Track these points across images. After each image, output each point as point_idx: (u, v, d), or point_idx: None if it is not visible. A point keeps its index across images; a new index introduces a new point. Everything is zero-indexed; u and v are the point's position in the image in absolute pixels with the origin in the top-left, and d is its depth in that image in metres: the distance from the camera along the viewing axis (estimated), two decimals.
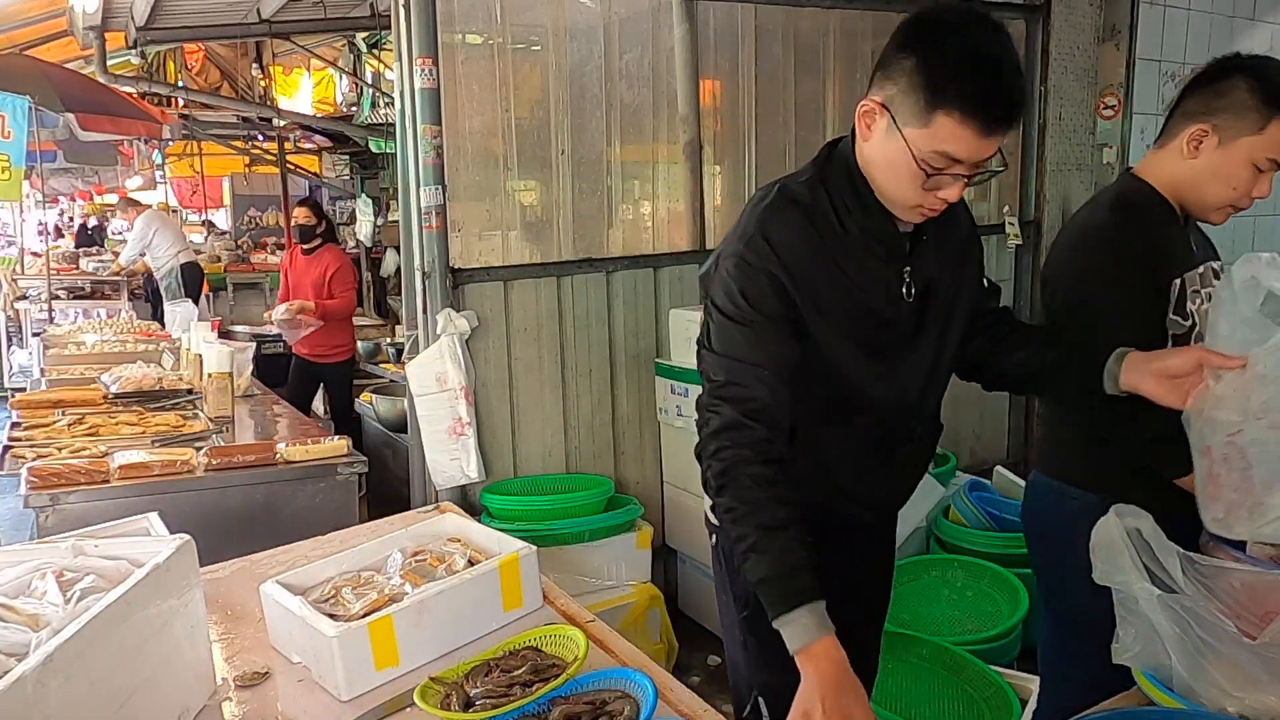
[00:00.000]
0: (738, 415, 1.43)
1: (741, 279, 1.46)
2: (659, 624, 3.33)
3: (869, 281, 1.50)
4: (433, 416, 3.31)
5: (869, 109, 1.43)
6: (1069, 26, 4.61)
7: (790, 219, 1.48)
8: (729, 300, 1.47)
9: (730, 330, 1.47)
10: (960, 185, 1.41)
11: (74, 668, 1.11)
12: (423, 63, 3.13)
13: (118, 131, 6.35)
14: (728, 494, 1.42)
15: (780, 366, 1.45)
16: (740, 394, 1.44)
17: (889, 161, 1.42)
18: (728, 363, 1.46)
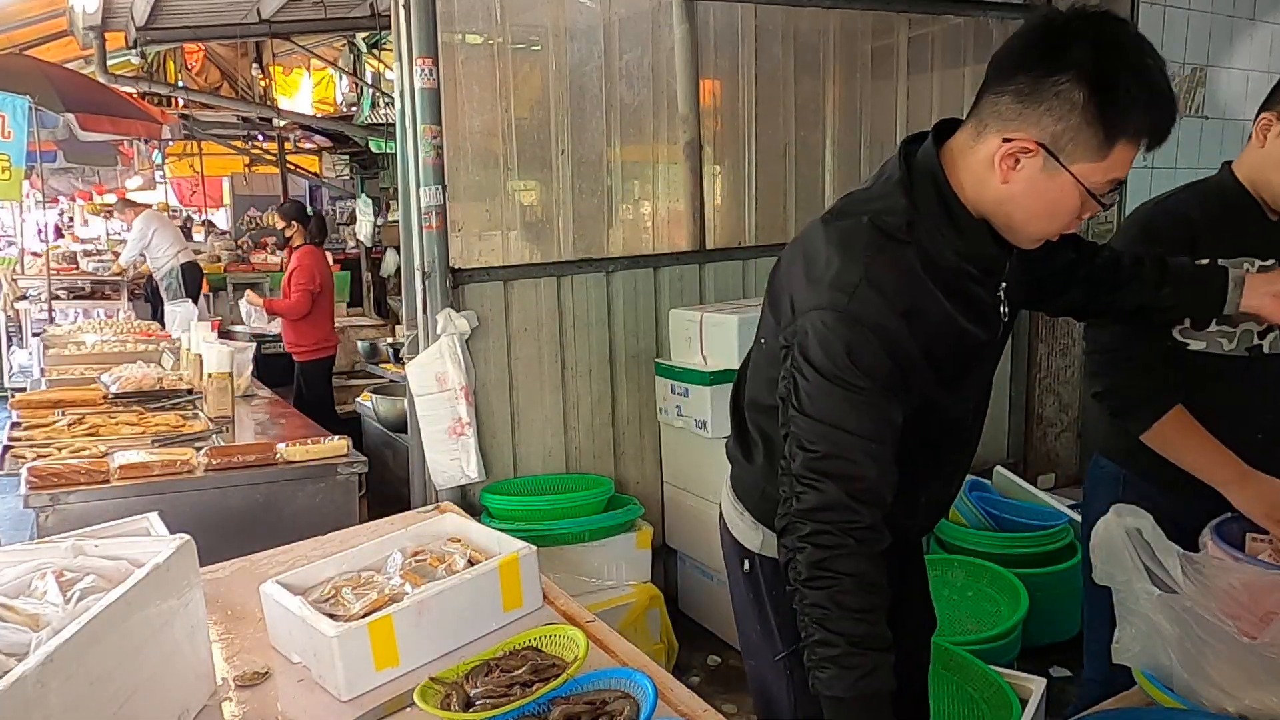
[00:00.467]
0: (843, 496, 1.27)
1: (850, 337, 1.28)
2: (659, 624, 3.33)
3: (970, 310, 1.38)
4: (433, 416, 3.31)
5: (1016, 150, 1.28)
6: None
7: (897, 261, 1.31)
8: (829, 360, 1.28)
9: (832, 395, 1.28)
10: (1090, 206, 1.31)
11: (74, 668, 1.11)
12: (423, 63, 3.13)
13: (118, 131, 6.35)
14: (820, 590, 1.26)
15: (892, 438, 1.31)
16: (847, 470, 1.27)
17: (1044, 200, 1.30)
18: (830, 432, 1.28)
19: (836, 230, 1.37)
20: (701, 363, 3.48)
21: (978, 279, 1.39)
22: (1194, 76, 4.94)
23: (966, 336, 1.38)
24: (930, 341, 1.33)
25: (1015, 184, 1.30)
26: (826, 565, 1.26)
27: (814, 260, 1.36)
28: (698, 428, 3.47)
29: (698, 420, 3.46)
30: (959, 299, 1.36)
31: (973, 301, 1.38)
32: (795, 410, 1.32)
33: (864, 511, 1.27)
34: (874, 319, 1.28)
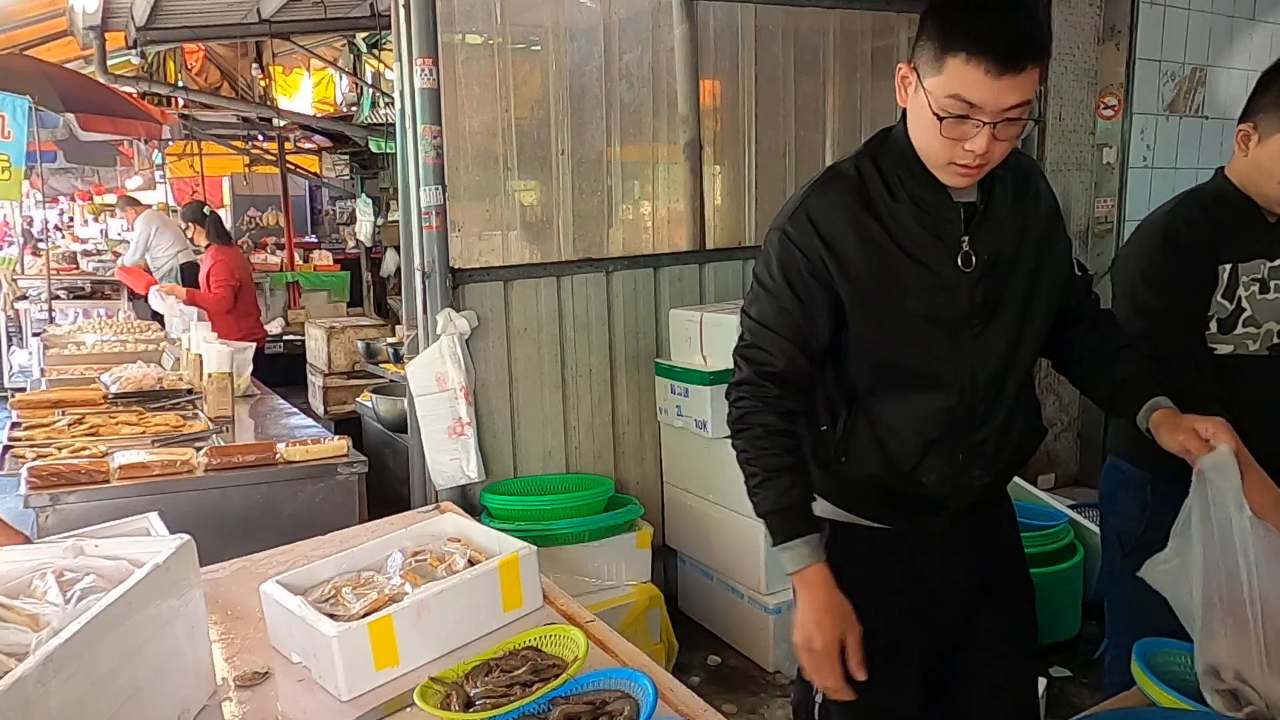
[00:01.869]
0: (754, 374, 1.56)
1: (780, 252, 1.54)
2: (659, 624, 3.32)
3: (921, 251, 1.51)
4: (433, 416, 3.31)
5: (903, 74, 1.49)
6: (1069, 26, 4.61)
7: (835, 193, 1.53)
8: (766, 270, 1.57)
9: (762, 298, 1.57)
10: (985, 135, 1.39)
11: (74, 668, 1.11)
12: (423, 63, 3.13)
13: (118, 131, 6.35)
14: (741, 439, 1.56)
15: (803, 339, 1.54)
16: (759, 357, 1.56)
17: (918, 119, 1.47)
18: (754, 326, 1.57)
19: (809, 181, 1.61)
20: (701, 363, 3.48)
21: (930, 225, 1.52)
22: (1194, 76, 4.94)
23: (918, 272, 1.51)
24: (867, 267, 1.51)
25: (909, 109, 1.50)
26: (743, 420, 1.56)
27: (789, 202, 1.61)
28: (698, 428, 3.47)
29: (698, 420, 3.46)
30: (904, 233, 1.51)
31: (921, 240, 1.52)
32: (743, 313, 1.63)
33: (771, 386, 1.55)
34: (801, 239, 1.52)
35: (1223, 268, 1.85)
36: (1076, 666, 3.20)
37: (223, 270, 5.76)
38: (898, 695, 1.65)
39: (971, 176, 1.47)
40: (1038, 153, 4.67)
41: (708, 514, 3.56)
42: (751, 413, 1.55)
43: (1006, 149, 1.45)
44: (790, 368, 1.55)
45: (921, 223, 1.51)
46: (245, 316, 5.93)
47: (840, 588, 1.56)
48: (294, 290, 8.88)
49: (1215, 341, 1.87)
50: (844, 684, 1.49)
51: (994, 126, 1.39)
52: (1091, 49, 4.70)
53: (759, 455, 1.55)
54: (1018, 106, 1.39)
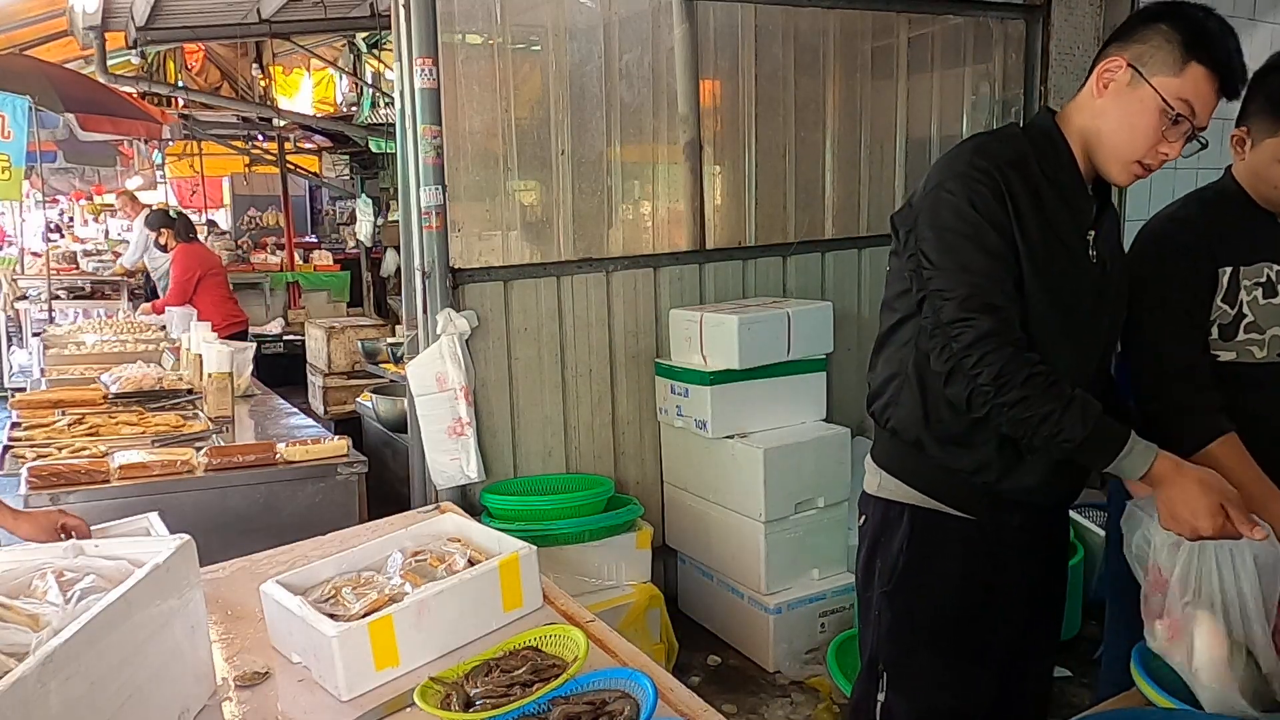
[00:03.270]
0: (995, 324, 1.45)
1: (969, 191, 1.50)
2: (659, 624, 3.32)
3: (1062, 229, 1.55)
4: (433, 416, 3.31)
5: (1111, 66, 1.54)
6: (1069, 26, 4.61)
7: (1008, 147, 1.56)
8: (956, 216, 1.50)
9: (963, 245, 1.49)
10: (1180, 144, 1.51)
11: (74, 668, 1.11)
12: (423, 63, 3.13)
13: (118, 132, 6.35)
14: (1012, 388, 1.43)
15: (1013, 279, 1.50)
16: (992, 303, 1.46)
17: (1126, 113, 1.53)
18: (967, 276, 1.48)
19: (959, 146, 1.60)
20: (701, 363, 3.48)
21: (1064, 204, 1.55)
22: None
23: (1060, 246, 1.53)
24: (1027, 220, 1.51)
25: (1106, 98, 1.55)
26: (1006, 370, 1.43)
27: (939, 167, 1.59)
28: (698, 428, 3.47)
29: (698, 420, 3.46)
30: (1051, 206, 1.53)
31: (1062, 221, 1.54)
32: (929, 268, 1.52)
33: (1012, 331, 1.45)
34: (987, 171, 1.50)
35: (1222, 271, 1.78)
36: (1076, 666, 3.20)
37: (178, 268, 6.04)
38: (971, 694, 1.65)
39: (1139, 178, 1.56)
40: None
41: (708, 514, 3.55)
42: (1013, 359, 1.43)
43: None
44: (1016, 311, 1.48)
45: (1063, 207, 1.56)
46: (220, 304, 6.17)
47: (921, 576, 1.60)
48: (294, 290, 8.89)
49: (1217, 348, 1.80)
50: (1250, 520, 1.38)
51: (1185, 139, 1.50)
52: (1091, 49, 4.69)
53: (1044, 389, 1.42)
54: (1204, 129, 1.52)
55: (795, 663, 3.34)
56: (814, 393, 3.62)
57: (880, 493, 1.72)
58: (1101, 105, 1.56)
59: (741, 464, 3.37)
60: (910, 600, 1.66)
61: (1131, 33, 1.55)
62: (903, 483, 1.66)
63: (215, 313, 5.96)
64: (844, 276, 4.20)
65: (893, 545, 1.68)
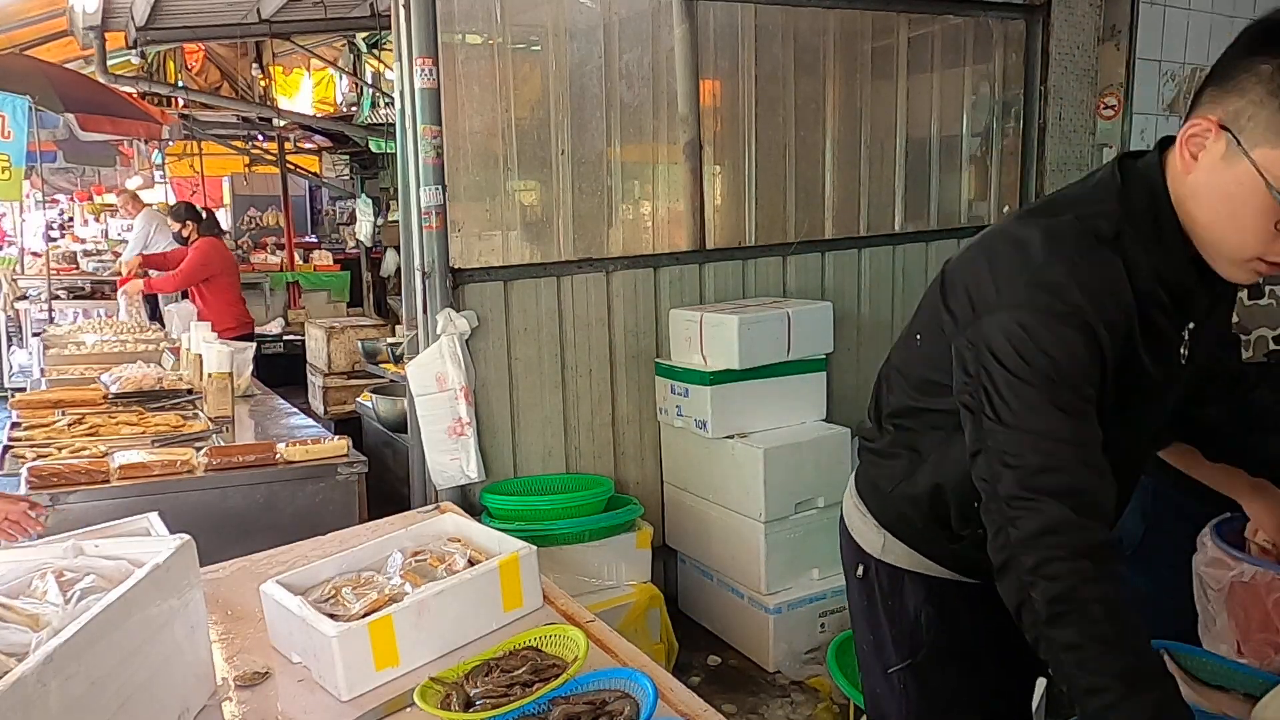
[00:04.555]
0: (1068, 513, 1.10)
1: (1056, 338, 1.14)
2: (659, 624, 3.32)
3: (1151, 341, 1.23)
4: (433, 416, 3.31)
5: (1199, 130, 1.15)
6: (1069, 26, 4.61)
7: (1106, 266, 1.18)
8: (1032, 363, 1.15)
9: (1039, 401, 1.14)
10: None
11: (74, 668, 1.11)
12: (423, 63, 3.13)
13: (118, 132, 6.35)
14: (1069, 627, 1.08)
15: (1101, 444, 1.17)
16: (1067, 483, 1.12)
17: (1225, 195, 1.14)
18: (1041, 442, 1.14)
19: (1039, 227, 1.22)
20: (701, 363, 3.48)
21: (1166, 308, 1.23)
22: (1194, 76, 4.94)
23: (1140, 369, 1.23)
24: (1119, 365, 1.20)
25: (1197, 174, 1.17)
26: (1067, 598, 1.08)
27: (1008, 256, 1.22)
28: (698, 428, 3.47)
29: (698, 420, 3.46)
30: (1145, 326, 1.21)
31: (1156, 332, 1.23)
32: (992, 421, 1.17)
33: (1094, 527, 1.11)
34: (1081, 319, 1.15)
35: None
36: None
37: (197, 255, 5.93)
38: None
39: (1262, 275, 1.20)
40: (1038, 153, 4.68)
41: (708, 514, 3.55)
42: (1082, 584, 1.08)
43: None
44: (1106, 489, 1.15)
45: (1160, 310, 1.23)
46: (233, 305, 6.10)
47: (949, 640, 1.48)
48: (294, 290, 8.89)
49: None
50: None
51: None
52: (1091, 49, 4.70)
53: (1104, 653, 1.06)
54: None
55: (795, 663, 3.34)
56: (814, 393, 3.62)
57: (885, 556, 1.55)
58: (1193, 183, 1.17)
59: (741, 464, 3.37)
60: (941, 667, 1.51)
61: (1228, 75, 1.13)
62: (914, 550, 1.51)
63: (228, 313, 5.94)
64: (844, 276, 4.20)
65: (908, 609, 1.51)
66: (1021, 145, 4.69)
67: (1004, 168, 4.75)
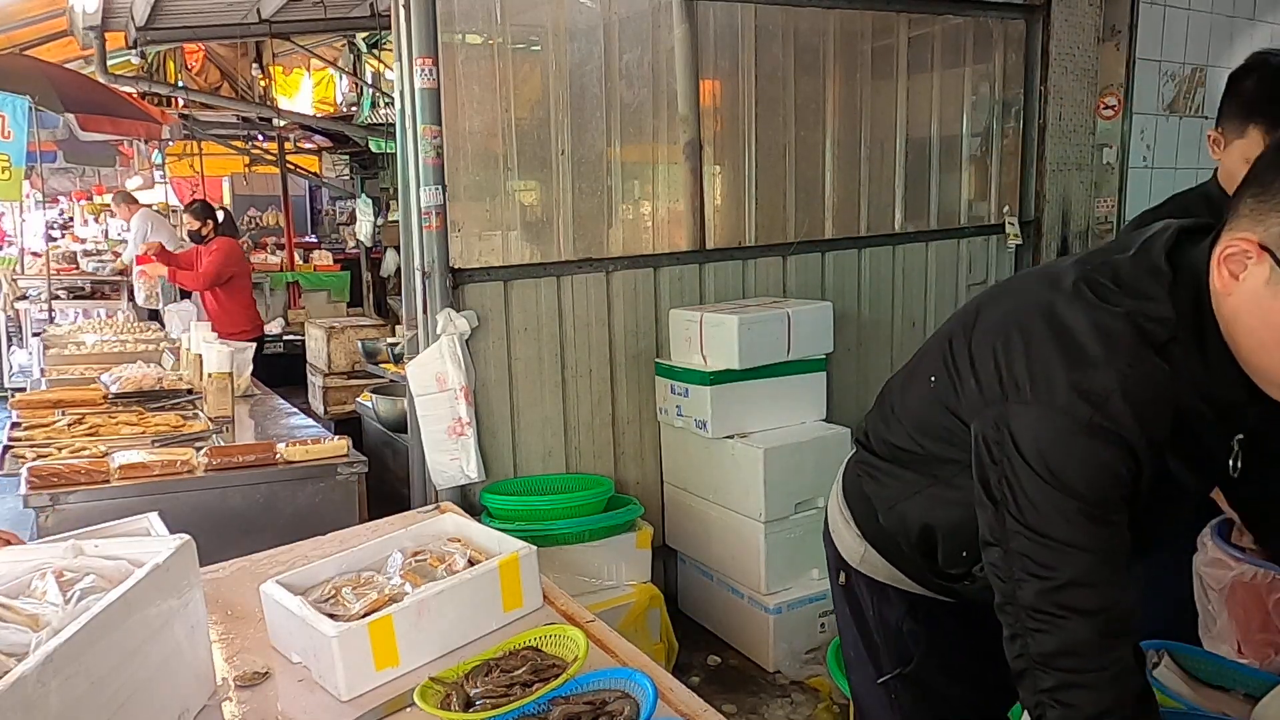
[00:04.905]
0: (1093, 634, 1.06)
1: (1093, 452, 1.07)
2: (659, 624, 3.33)
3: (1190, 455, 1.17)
4: (433, 416, 3.31)
5: (1238, 250, 1.04)
6: (1069, 26, 4.61)
7: (1155, 379, 1.08)
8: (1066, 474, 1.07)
9: (1065, 509, 1.08)
10: None
11: (74, 668, 1.11)
12: (423, 63, 3.13)
13: (118, 132, 6.35)
14: None
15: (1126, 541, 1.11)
16: (1095, 601, 1.07)
17: (1269, 324, 1.03)
18: (1068, 553, 1.08)
19: (1088, 317, 1.11)
20: (701, 363, 3.48)
21: (1210, 423, 1.14)
22: (1194, 76, 4.94)
23: (1171, 481, 1.16)
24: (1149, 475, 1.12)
25: (1238, 298, 1.05)
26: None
27: (1049, 344, 1.12)
28: (698, 428, 3.47)
29: (698, 420, 3.46)
30: (1183, 438, 1.12)
31: (1196, 444, 1.15)
32: (1016, 522, 1.10)
33: (1120, 646, 1.07)
34: (1123, 436, 1.06)
35: None
36: None
37: (219, 256, 5.86)
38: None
39: None
40: (1037, 153, 4.68)
41: (708, 514, 3.56)
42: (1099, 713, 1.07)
43: None
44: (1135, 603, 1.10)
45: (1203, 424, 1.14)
46: (248, 307, 6.09)
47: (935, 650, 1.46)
48: (294, 290, 8.89)
49: None
50: None
51: None
52: (1091, 49, 4.70)
53: None
54: None
55: (795, 663, 3.34)
56: (814, 393, 3.62)
57: (863, 567, 1.53)
58: (1234, 306, 1.06)
59: (741, 464, 3.37)
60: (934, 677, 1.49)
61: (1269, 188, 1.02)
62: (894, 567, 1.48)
63: (243, 315, 5.95)
64: (844, 276, 4.20)
65: (890, 622, 1.49)
66: (1021, 145, 4.69)
67: (1004, 168, 4.75)
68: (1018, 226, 4.64)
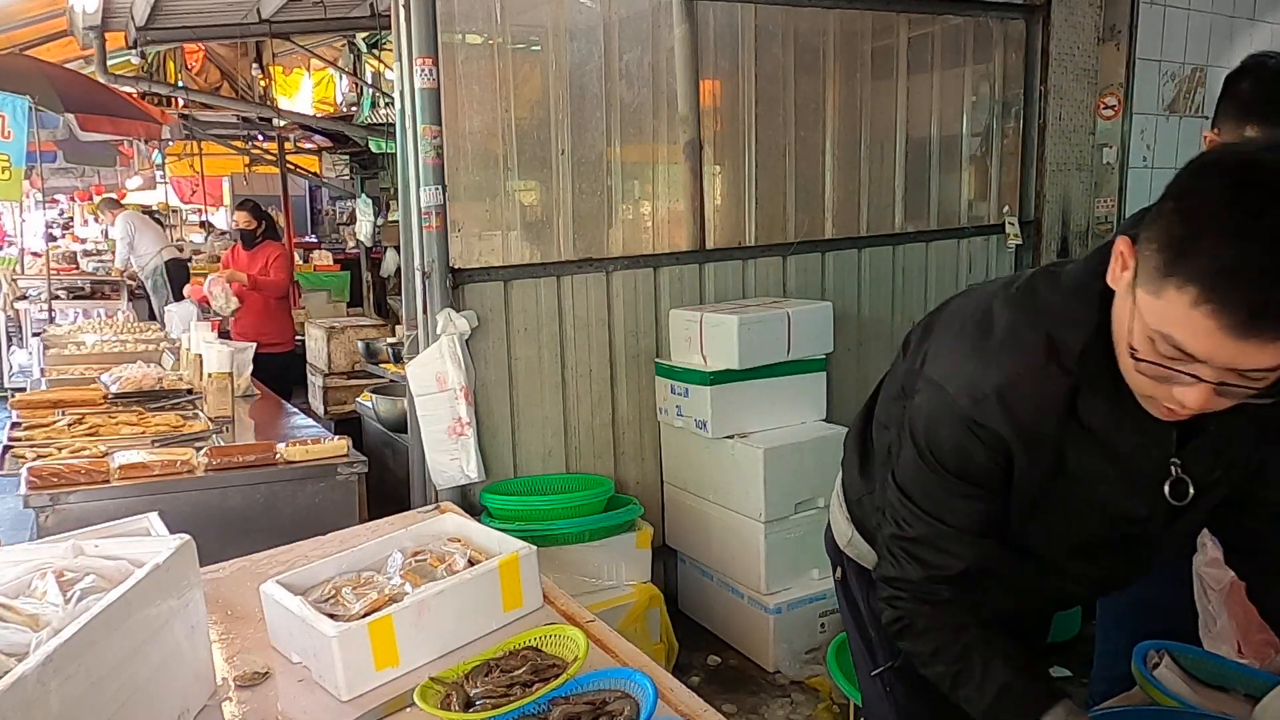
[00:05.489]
0: (923, 579, 1.25)
1: (963, 440, 1.17)
2: (659, 624, 3.33)
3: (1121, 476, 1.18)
4: (433, 416, 3.31)
5: (1121, 249, 1.04)
6: (1069, 26, 4.61)
7: (1045, 391, 1.13)
8: (935, 451, 1.20)
9: (932, 484, 1.22)
10: (1203, 391, 0.98)
11: (74, 668, 1.11)
12: (423, 63, 3.13)
13: (118, 132, 6.35)
14: (906, 641, 1.30)
15: (988, 527, 1.23)
16: (934, 559, 1.24)
17: (1119, 325, 1.07)
18: (925, 519, 1.23)
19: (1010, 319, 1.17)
20: (701, 363, 3.48)
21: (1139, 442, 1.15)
22: (1194, 76, 4.94)
23: (1107, 506, 1.21)
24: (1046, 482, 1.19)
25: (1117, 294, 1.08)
26: (904, 633, 1.30)
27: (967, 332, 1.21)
28: (698, 428, 3.47)
29: (698, 420, 3.46)
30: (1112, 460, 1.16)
31: (1126, 467, 1.17)
32: (894, 480, 1.28)
33: (943, 589, 1.25)
34: (991, 432, 1.15)
35: None
36: (1076, 666, 3.20)
37: (285, 260, 5.92)
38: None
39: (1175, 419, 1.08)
40: (1038, 153, 4.68)
41: (708, 514, 3.56)
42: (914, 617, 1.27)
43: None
44: (972, 563, 1.23)
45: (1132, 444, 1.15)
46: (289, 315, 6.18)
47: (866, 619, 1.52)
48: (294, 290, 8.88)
49: None
50: None
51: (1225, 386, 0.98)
52: (1091, 49, 4.70)
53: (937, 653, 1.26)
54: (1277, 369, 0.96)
55: (795, 663, 3.34)
56: (814, 393, 3.62)
57: (849, 551, 1.60)
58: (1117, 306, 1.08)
59: (741, 464, 3.37)
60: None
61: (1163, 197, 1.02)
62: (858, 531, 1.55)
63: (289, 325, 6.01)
64: (844, 276, 4.20)
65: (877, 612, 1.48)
66: (1021, 145, 4.69)
67: (1004, 168, 4.75)
68: (1018, 226, 4.64)
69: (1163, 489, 1.18)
